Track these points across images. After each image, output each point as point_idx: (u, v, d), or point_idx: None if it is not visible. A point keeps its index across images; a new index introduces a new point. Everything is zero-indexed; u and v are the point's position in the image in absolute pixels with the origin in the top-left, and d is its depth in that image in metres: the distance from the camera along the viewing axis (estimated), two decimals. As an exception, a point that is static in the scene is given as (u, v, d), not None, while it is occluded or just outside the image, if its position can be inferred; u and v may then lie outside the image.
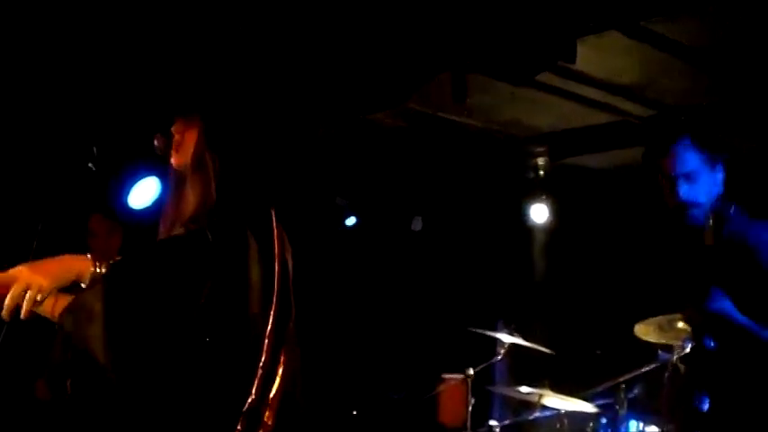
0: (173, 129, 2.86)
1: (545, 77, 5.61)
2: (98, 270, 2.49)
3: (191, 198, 2.81)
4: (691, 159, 3.57)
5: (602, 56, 5.50)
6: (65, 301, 2.46)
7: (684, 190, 3.54)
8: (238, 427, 2.50)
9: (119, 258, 2.56)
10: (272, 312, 2.64)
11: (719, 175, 3.61)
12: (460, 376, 6.26)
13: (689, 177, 3.56)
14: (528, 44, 5.09)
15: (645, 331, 5.36)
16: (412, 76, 5.68)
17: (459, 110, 6.38)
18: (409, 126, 6.92)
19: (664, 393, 5.10)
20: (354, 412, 7.25)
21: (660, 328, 5.25)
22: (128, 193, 5.49)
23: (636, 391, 5.64)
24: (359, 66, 5.54)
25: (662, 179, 3.62)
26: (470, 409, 6.11)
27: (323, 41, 5.27)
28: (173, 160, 2.86)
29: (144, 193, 5.53)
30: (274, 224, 2.77)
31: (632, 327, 5.40)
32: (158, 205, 4.21)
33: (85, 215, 5.15)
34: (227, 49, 4.99)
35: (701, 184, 3.56)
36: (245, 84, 3.05)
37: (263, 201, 2.81)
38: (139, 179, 5.50)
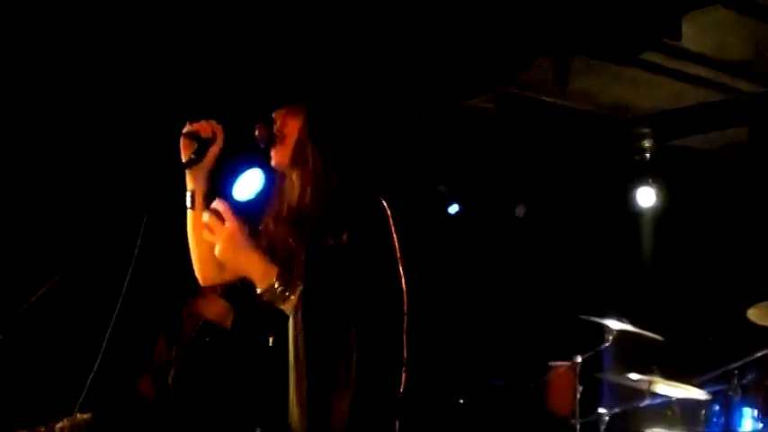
0: (273, 114, 2.73)
1: (649, 56, 5.51)
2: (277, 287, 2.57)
3: (291, 195, 2.74)
4: None
5: (707, 32, 5.37)
6: None
7: None
8: None
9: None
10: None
11: None
12: (568, 364, 6.19)
13: None
14: (631, 23, 5.00)
15: (758, 315, 5.24)
16: (513, 59, 5.63)
17: (561, 93, 6.30)
18: (511, 111, 6.86)
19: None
20: (462, 401, 7.24)
21: (775, 311, 5.13)
22: (232, 185, 5.54)
23: (749, 377, 5.49)
24: (459, 51, 5.52)
25: None
26: (578, 396, 6.04)
27: (423, 27, 5.25)
28: (273, 155, 2.74)
29: (248, 185, 5.56)
30: (388, 215, 2.62)
31: (745, 311, 5.28)
32: (263, 197, 4.22)
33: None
34: (330, 37, 5.01)
35: None
36: (348, 71, 2.99)
37: (373, 192, 2.67)
38: (243, 171, 5.53)
